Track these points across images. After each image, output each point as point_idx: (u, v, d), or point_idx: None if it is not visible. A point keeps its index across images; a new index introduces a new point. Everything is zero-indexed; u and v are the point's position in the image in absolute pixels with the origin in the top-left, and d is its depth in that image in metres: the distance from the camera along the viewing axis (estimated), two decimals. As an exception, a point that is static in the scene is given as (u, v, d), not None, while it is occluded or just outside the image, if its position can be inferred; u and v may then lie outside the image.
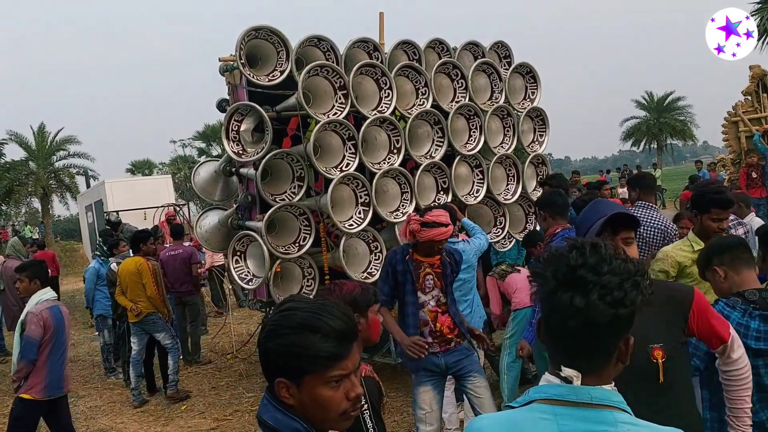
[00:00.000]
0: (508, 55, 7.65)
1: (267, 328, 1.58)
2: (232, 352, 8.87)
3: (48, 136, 33.42)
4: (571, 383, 1.38)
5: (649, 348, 2.21)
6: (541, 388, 1.43)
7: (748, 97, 12.13)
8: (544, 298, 1.41)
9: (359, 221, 6.11)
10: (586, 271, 1.35)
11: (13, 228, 36.56)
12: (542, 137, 7.60)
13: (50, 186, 32.72)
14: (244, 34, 5.82)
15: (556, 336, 1.42)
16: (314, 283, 6.17)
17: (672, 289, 2.40)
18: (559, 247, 1.44)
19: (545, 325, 1.44)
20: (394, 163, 6.30)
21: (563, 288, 1.36)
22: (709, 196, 3.71)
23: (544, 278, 1.40)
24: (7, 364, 9.36)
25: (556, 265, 1.39)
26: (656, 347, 2.21)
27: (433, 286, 4.12)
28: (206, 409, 6.74)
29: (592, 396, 1.37)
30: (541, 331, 1.47)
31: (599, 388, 1.38)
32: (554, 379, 1.41)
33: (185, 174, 39.46)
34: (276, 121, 6.13)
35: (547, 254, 1.44)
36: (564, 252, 1.40)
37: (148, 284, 6.95)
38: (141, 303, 6.99)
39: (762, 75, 11.90)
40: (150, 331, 7.14)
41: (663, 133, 44.18)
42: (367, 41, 6.52)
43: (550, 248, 1.48)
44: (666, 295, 2.25)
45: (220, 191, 7.17)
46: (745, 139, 11.89)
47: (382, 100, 6.32)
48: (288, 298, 1.67)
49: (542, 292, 1.41)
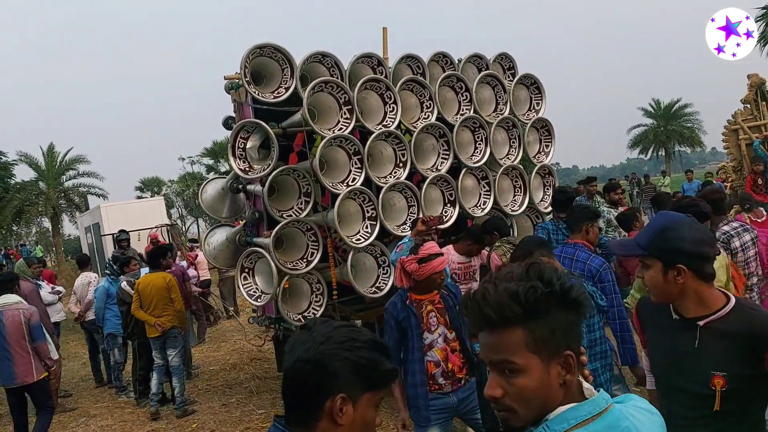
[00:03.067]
0: (512, 67, 7.67)
1: (337, 339, 1.52)
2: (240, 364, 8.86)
3: (57, 156, 33.67)
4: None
5: (711, 374, 2.13)
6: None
7: (747, 105, 12.26)
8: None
9: (366, 236, 6.11)
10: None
11: (24, 248, 36.77)
12: (548, 147, 7.60)
13: (60, 206, 32.93)
14: (249, 52, 5.87)
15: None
16: (323, 298, 6.17)
17: (756, 319, 2.15)
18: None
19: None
20: (401, 176, 6.31)
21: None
22: (684, 210, 3.71)
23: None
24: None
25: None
26: (718, 375, 2.12)
27: (437, 323, 3.96)
28: (217, 426, 6.72)
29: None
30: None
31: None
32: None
33: (194, 190, 39.67)
34: (282, 137, 6.16)
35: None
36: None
37: (177, 298, 7.04)
38: (165, 317, 7.07)
39: (760, 83, 12.01)
40: (168, 346, 7.20)
41: (671, 141, 44.02)
42: (371, 56, 6.56)
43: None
44: (746, 324, 2.12)
45: (227, 208, 7.19)
46: (745, 146, 12.00)
47: (387, 115, 6.34)
48: (319, 319, 1.63)
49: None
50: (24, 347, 6.17)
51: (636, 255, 2.27)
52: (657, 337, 2.35)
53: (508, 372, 1.29)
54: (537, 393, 1.29)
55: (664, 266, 2.18)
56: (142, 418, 7.33)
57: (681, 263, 2.16)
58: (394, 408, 6.43)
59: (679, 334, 2.23)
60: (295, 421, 1.54)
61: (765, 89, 11.95)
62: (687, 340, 2.20)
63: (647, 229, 2.28)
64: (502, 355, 1.29)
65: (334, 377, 1.49)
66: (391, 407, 6.44)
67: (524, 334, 1.27)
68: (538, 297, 1.27)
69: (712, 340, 2.14)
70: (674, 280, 2.18)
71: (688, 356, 2.19)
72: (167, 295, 7.07)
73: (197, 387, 8.34)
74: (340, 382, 1.49)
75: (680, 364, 2.22)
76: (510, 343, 1.28)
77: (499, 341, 1.29)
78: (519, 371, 1.28)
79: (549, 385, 1.30)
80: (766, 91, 11.98)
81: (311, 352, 1.50)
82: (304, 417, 1.52)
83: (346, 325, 1.58)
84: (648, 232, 2.26)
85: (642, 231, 2.33)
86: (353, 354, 1.50)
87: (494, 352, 1.30)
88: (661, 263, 2.19)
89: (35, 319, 6.25)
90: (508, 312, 1.27)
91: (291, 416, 1.56)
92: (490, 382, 1.31)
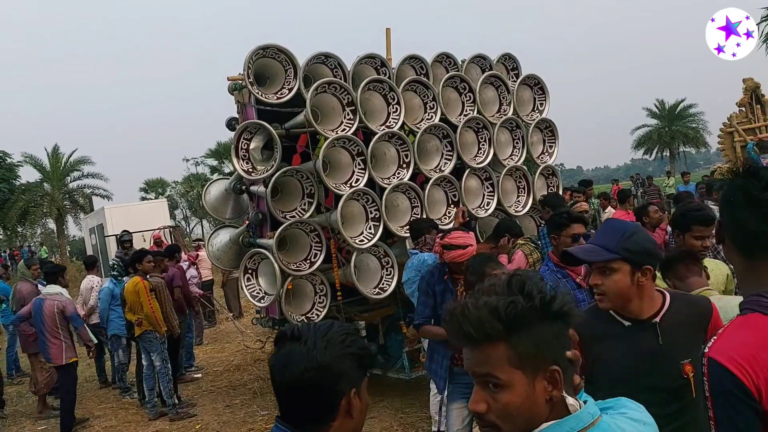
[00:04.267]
0: (516, 67, 7.66)
1: (338, 339, 1.55)
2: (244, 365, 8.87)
3: (62, 158, 33.76)
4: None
5: (681, 364, 2.22)
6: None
7: (743, 108, 12.70)
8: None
9: (370, 236, 6.10)
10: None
11: (29, 249, 36.87)
12: (552, 148, 7.59)
13: (64, 207, 33.01)
14: (252, 53, 5.87)
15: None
16: (326, 299, 6.16)
17: (694, 303, 2.39)
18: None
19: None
20: (404, 177, 6.30)
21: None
22: (691, 214, 3.69)
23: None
24: (24, 385, 9.42)
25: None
26: (686, 363, 2.22)
27: None
28: (220, 427, 6.72)
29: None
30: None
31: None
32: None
33: (198, 192, 39.73)
34: (285, 138, 6.16)
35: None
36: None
37: (144, 302, 7.04)
38: (143, 321, 7.12)
39: (755, 87, 12.49)
40: (147, 349, 7.22)
41: (675, 141, 43.87)
42: (375, 57, 6.56)
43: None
44: (691, 310, 2.31)
45: (230, 209, 7.20)
46: (740, 148, 12.40)
47: (391, 115, 6.33)
48: (299, 327, 1.62)
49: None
50: (55, 333, 6.97)
51: (605, 259, 2.27)
52: (610, 347, 2.33)
53: (492, 386, 1.26)
54: (521, 409, 1.25)
55: (632, 268, 2.24)
56: (146, 418, 7.33)
57: (648, 264, 2.26)
58: (395, 408, 6.43)
59: (637, 336, 2.28)
60: (306, 424, 1.54)
61: (759, 93, 12.44)
62: (648, 339, 2.26)
63: (610, 234, 2.32)
64: (485, 368, 1.25)
65: (346, 376, 1.53)
66: (394, 408, 6.43)
67: (506, 350, 1.24)
68: (519, 312, 1.23)
69: (672, 332, 2.25)
70: (637, 282, 2.25)
71: (655, 354, 2.24)
72: (137, 299, 7.08)
73: (201, 388, 8.34)
74: (350, 378, 1.53)
75: (649, 364, 2.25)
76: (492, 358, 1.24)
77: (481, 356, 1.25)
78: (502, 386, 1.25)
79: (534, 401, 1.26)
80: (760, 94, 12.45)
81: (319, 359, 1.51)
82: (319, 420, 1.53)
83: (333, 324, 1.61)
84: (613, 236, 2.29)
85: (601, 236, 2.37)
86: (354, 348, 1.55)
87: (477, 366, 1.27)
88: (629, 266, 2.24)
89: (70, 309, 7.12)
90: (488, 329, 1.23)
91: (300, 420, 1.55)
92: (474, 396, 1.28)
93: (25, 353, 7.75)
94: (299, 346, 1.54)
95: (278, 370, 1.56)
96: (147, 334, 7.15)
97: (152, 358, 7.21)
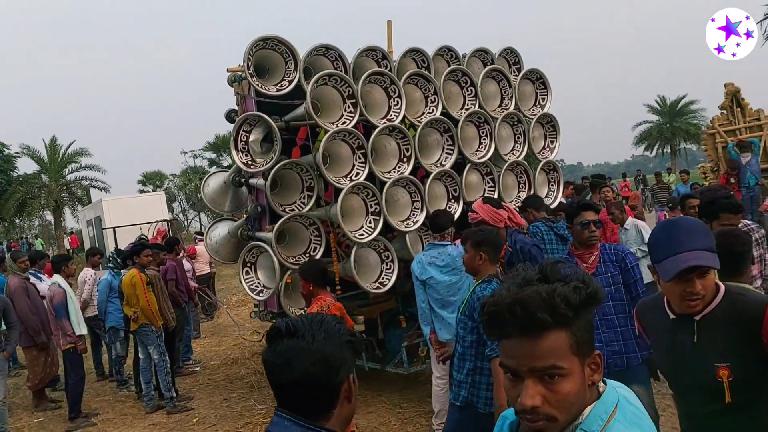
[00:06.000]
0: (518, 62, 7.60)
1: (334, 330, 1.58)
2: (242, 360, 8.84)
3: (60, 149, 33.69)
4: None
5: (715, 366, 2.14)
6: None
7: (724, 111, 13.68)
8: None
9: (370, 231, 6.06)
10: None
11: (27, 241, 36.79)
12: (553, 143, 7.54)
13: (62, 199, 32.95)
14: (252, 45, 5.81)
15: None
16: (325, 293, 6.12)
17: (743, 304, 2.19)
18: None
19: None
20: (405, 171, 6.25)
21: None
22: (719, 202, 3.70)
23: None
24: (21, 377, 9.38)
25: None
26: (722, 366, 2.14)
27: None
28: (218, 421, 6.69)
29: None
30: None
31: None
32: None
33: (196, 185, 39.67)
34: (285, 131, 6.11)
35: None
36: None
37: (140, 295, 7.02)
38: (139, 315, 7.09)
39: (735, 92, 13.43)
40: (144, 342, 7.20)
41: (676, 137, 43.85)
42: (376, 50, 6.49)
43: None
44: (737, 311, 2.16)
45: (229, 202, 7.15)
46: (721, 148, 13.35)
47: (392, 109, 6.28)
48: (292, 321, 1.63)
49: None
50: (53, 321, 7.41)
51: (714, 266, 2.14)
52: (660, 338, 2.35)
53: (550, 378, 1.23)
54: (578, 397, 1.26)
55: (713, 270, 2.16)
56: (143, 411, 7.31)
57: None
58: (393, 403, 6.40)
59: (678, 331, 2.24)
60: (308, 414, 1.55)
61: (740, 97, 13.46)
62: (686, 336, 2.22)
63: (702, 236, 2.16)
64: (548, 361, 1.23)
65: (344, 364, 1.57)
66: (392, 403, 6.41)
67: (569, 338, 1.24)
68: (583, 298, 1.24)
69: (709, 332, 2.17)
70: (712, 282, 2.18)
71: (690, 352, 2.20)
72: (133, 291, 7.07)
73: (198, 381, 8.32)
74: (348, 365, 1.59)
75: (684, 361, 2.22)
76: (556, 347, 1.23)
77: (543, 347, 1.23)
78: (563, 376, 1.23)
79: (584, 387, 1.27)
80: (740, 98, 13.45)
81: (322, 352, 1.53)
82: (324, 410, 1.56)
83: (325, 316, 1.64)
84: (706, 237, 2.15)
85: (696, 239, 2.15)
86: (348, 336, 1.61)
87: (538, 359, 1.23)
88: (714, 270, 2.15)
89: (57, 300, 7.26)
90: (559, 315, 1.22)
91: (303, 412, 1.56)
92: (528, 391, 1.23)
93: (19, 346, 7.72)
94: (299, 341, 1.54)
95: (280, 368, 1.55)
96: (143, 327, 7.14)
97: (149, 352, 7.18)
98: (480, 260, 3.82)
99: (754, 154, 12.28)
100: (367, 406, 6.36)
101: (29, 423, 7.49)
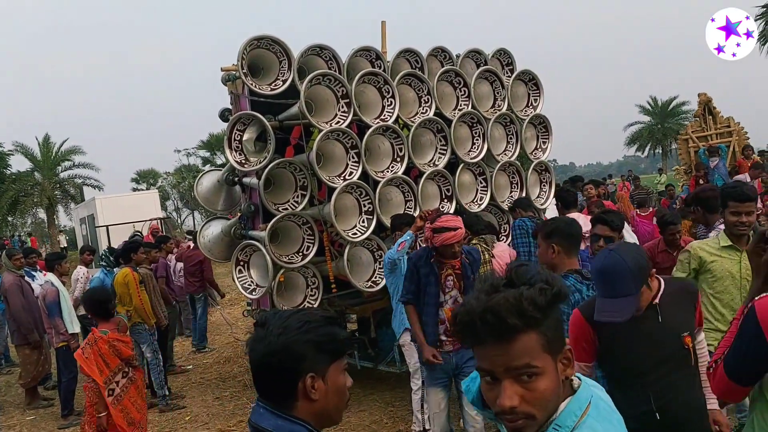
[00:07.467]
0: (511, 63, 7.65)
1: (294, 326, 1.63)
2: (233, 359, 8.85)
3: (53, 147, 33.50)
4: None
5: (682, 336, 2.61)
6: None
7: (697, 118, 15.31)
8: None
9: (363, 230, 6.09)
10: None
11: (19, 239, 36.60)
12: (545, 144, 7.59)
13: (55, 197, 32.78)
14: (246, 44, 5.83)
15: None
16: (318, 292, 6.15)
17: (686, 284, 2.88)
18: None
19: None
20: (398, 171, 6.29)
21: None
22: (726, 191, 3.84)
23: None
24: (13, 375, 9.36)
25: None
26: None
27: (452, 287, 4.37)
28: (210, 419, 6.71)
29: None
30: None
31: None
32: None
33: (189, 183, 39.57)
34: (278, 130, 6.13)
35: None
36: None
37: (133, 294, 7.01)
38: (132, 314, 7.08)
39: (707, 101, 14.95)
40: (137, 341, 7.19)
41: (668, 138, 44.02)
42: (370, 50, 6.52)
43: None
44: (684, 290, 2.75)
45: (223, 201, 7.16)
46: (693, 153, 14.81)
47: (385, 109, 6.31)
48: (277, 311, 1.74)
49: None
50: (46, 320, 7.50)
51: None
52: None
53: (527, 377, 1.27)
54: (553, 393, 1.30)
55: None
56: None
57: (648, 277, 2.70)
58: (385, 401, 6.43)
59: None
60: (275, 406, 1.65)
61: (711, 106, 14.99)
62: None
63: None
64: (523, 360, 1.26)
65: (301, 360, 1.61)
66: (384, 401, 6.44)
67: (539, 337, 1.27)
68: (549, 298, 1.28)
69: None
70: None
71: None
72: (126, 290, 7.05)
73: (191, 380, 8.33)
74: (307, 362, 1.61)
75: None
76: (528, 348, 1.27)
77: (517, 348, 1.26)
78: (538, 374, 1.27)
79: (559, 383, 1.32)
80: (712, 107, 14.97)
81: (273, 345, 1.61)
82: (282, 402, 1.64)
83: (298, 311, 1.71)
84: (627, 283, 2.57)
85: (617, 287, 2.55)
86: (312, 335, 1.62)
87: (513, 360, 1.27)
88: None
89: (49, 298, 7.35)
90: (528, 318, 1.26)
91: (270, 398, 1.67)
92: (506, 392, 1.27)
93: (13, 344, 7.74)
94: (262, 332, 1.66)
95: (248, 354, 1.70)
96: (136, 326, 7.13)
97: (143, 350, 7.19)
98: (553, 253, 3.39)
99: (721, 159, 13.38)
100: (359, 405, 6.38)
101: (21, 421, 7.48)
